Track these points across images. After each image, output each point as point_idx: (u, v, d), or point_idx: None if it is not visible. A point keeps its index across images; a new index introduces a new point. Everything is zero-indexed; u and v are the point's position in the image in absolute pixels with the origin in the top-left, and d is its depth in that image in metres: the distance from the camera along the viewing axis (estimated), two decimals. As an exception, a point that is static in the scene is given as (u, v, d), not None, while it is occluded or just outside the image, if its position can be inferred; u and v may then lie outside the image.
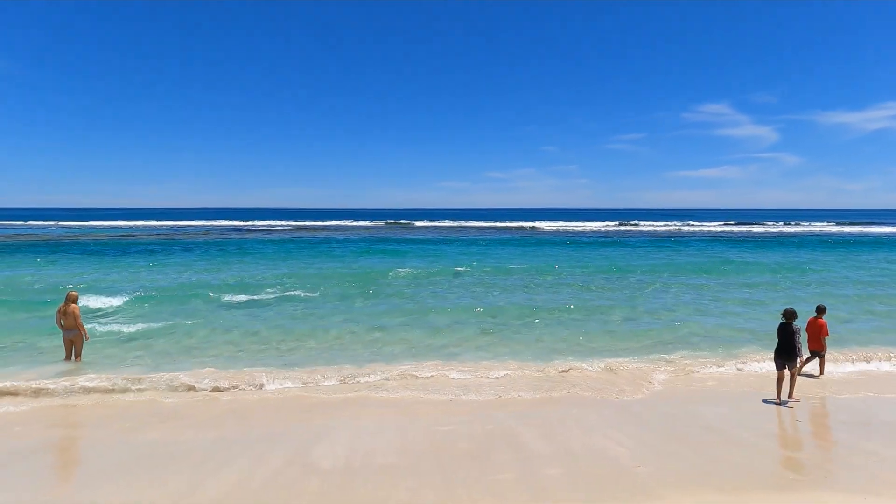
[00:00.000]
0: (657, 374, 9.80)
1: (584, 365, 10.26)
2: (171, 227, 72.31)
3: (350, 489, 5.58)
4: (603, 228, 71.48)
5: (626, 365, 10.30)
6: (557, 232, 63.04)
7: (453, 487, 5.62)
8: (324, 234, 58.30)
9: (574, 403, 8.36)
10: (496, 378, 9.54)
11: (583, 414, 7.88)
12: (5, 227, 69.45)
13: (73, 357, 10.24)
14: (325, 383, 9.24)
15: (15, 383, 8.70)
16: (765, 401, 8.54)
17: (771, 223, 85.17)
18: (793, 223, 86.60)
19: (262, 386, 9.04)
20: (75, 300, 10.27)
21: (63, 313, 10.13)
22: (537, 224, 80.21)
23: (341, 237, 51.84)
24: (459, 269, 24.05)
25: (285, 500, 5.36)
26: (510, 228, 71.04)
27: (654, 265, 26.30)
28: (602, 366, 10.22)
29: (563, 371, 9.89)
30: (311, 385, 9.15)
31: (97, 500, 5.32)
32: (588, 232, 62.98)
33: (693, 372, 9.95)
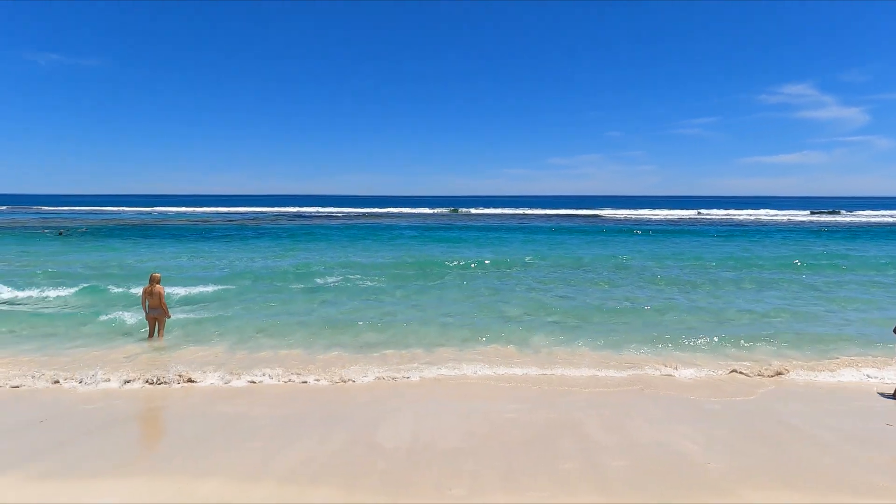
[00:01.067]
0: (732, 370, 9.35)
1: (654, 357, 9.96)
2: (243, 214, 75.64)
3: (413, 471, 5.67)
4: (671, 217, 68.49)
5: (698, 360, 9.88)
6: (624, 220, 61.10)
7: (516, 474, 5.60)
8: (387, 220, 59.25)
9: (642, 397, 8.12)
10: (562, 367, 9.41)
11: (649, 407, 7.64)
12: (103, 213, 75.03)
13: (156, 334, 10.93)
14: (389, 367, 9.41)
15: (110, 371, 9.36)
16: (859, 403, 7.98)
17: (864, 212, 78.93)
18: (889, 212, 79.76)
19: (329, 368, 9.33)
20: (159, 281, 10.94)
21: (149, 294, 10.82)
22: (602, 212, 78.19)
23: (404, 224, 52.52)
24: (528, 258, 23.37)
25: (351, 477, 5.51)
26: (574, 216, 69.36)
27: (732, 255, 24.83)
28: (671, 359, 9.87)
29: (631, 363, 9.63)
30: (376, 368, 9.34)
31: (181, 466, 5.68)
32: (656, 220, 60.63)
33: (776, 372, 9.29)
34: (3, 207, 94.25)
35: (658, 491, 5.28)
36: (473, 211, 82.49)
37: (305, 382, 8.61)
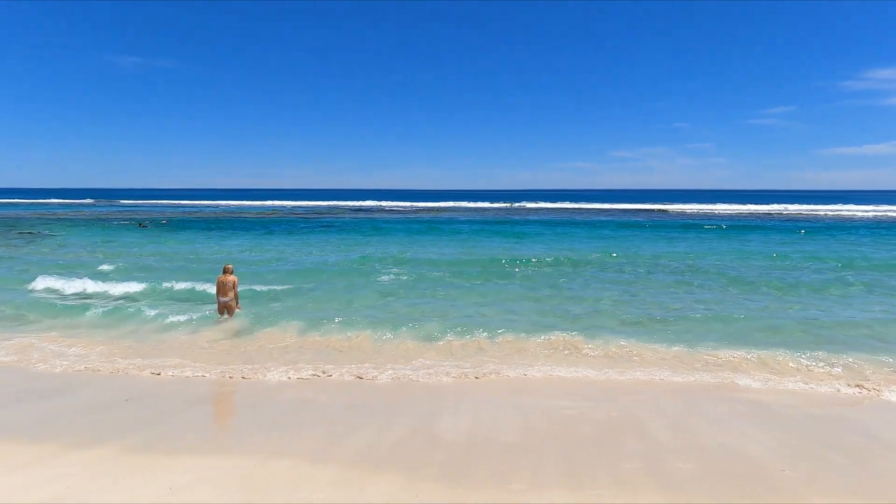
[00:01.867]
0: (814, 376, 8.84)
1: (725, 359, 9.52)
2: (307, 207, 78.14)
3: (472, 462, 5.73)
4: (743, 212, 64.91)
5: (777, 364, 9.37)
6: (694, 215, 58.58)
7: (576, 471, 5.55)
8: (447, 214, 59.62)
9: (710, 399, 7.83)
10: (625, 366, 9.21)
11: (717, 409, 7.35)
12: (179, 206, 79.52)
13: (225, 317, 11.52)
14: (450, 360, 9.51)
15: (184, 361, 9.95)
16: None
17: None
18: None
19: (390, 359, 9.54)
20: (232, 271, 11.55)
21: (222, 283, 11.43)
22: (669, 206, 75.41)
23: (464, 218, 52.65)
24: (593, 255, 22.60)
25: (411, 465, 5.63)
26: (639, 211, 67.17)
27: (816, 255, 22.89)
28: (745, 363, 9.43)
29: (702, 365, 9.25)
30: (436, 361, 9.46)
31: (253, 446, 5.99)
32: (727, 215, 57.78)
33: (861, 380, 8.66)
34: (89, 201, 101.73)
35: (725, 495, 5.09)
36: (533, 205, 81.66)
37: (362, 378, 8.83)
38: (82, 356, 9.55)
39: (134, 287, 15.42)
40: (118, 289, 15.00)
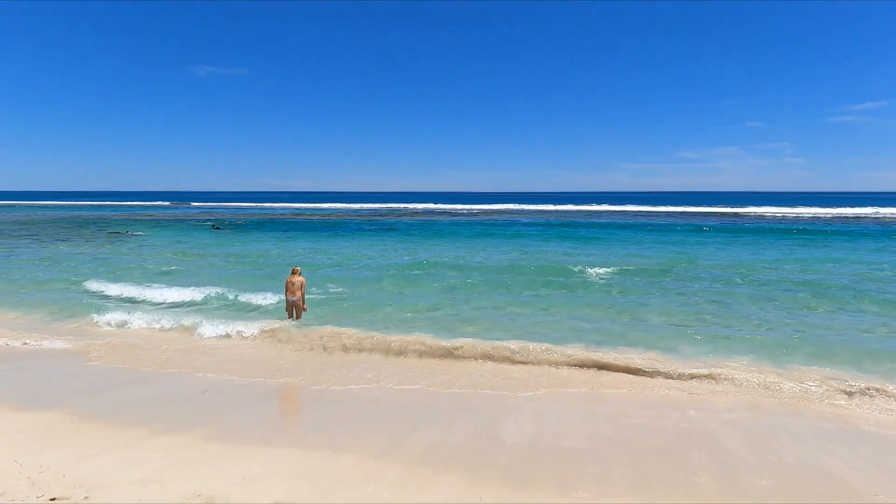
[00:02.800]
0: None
1: (817, 375, 8.78)
2: (372, 209, 79.77)
3: (535, 466, 5.65)
4: (830, 215, 60.52)
5: (867, 379, 8.66)
6: (773, 219, 55.12)
7: (645, 481, 5.36)
8: (508, 217, 59.28)
9: (790, 415, 7.37)
10: (698, 378, 8.80)
11: (799, 426, 6.90)
12: (249, 209, 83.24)
13: (293, 317, 11.95)
14: (514, 364, 9.43)
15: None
16: None
17: None
18: None
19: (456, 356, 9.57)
20: (299, 273, 12.03)
21: (290, 283, 11.88)
22: (742, 209, 71.68)
23: (525, 220, 52.17)
24: (663, 260, 21.19)
25: (474, 467, 5.62)
26: (709, 214, 64.09)
27: None
28: (841, 377, 8.77)
29: (781, 380, 8.59)
30: (501, 363, 9.40)
31: (321, 441, 6.16)
32: (812, 219, 54.06)
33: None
34: (166, 203, 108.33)
35: (810, 517, 4.77)
36: (595, 208, 79.80)
37: (421, 381, 8.89)
38: (155, 349, 10.16)
39: (202, 284, 16.19)
40: (185, 294, 15.54)
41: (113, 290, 15.61)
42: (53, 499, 4.65)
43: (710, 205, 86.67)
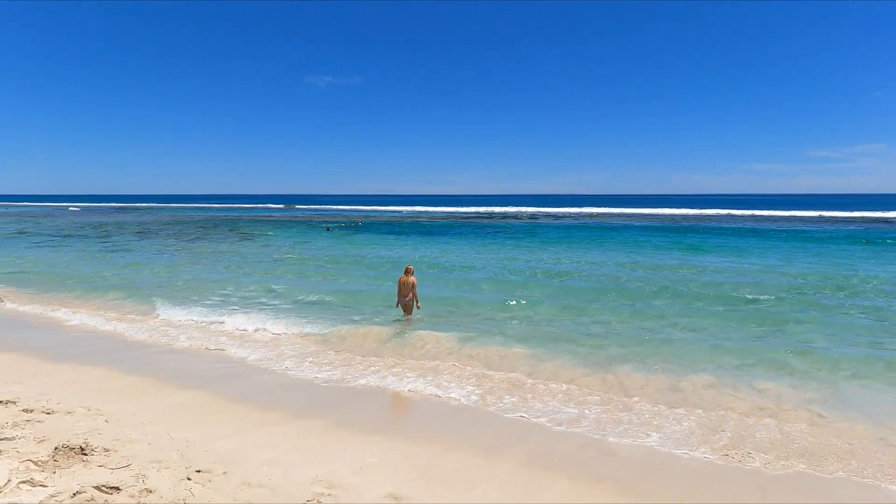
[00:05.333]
0: None
1: None
2: (480, 213, 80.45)
3: (649, 483, 5.44)
4: None
5: None
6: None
7: (774, 510, 4.94)
8: (617, 220, 57.12)
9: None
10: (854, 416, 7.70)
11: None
12: (364, 211, 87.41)
13: (406, 315, 12.41)
14: (628, 377, 9.10)
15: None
16: None
17: None
18: None
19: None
20: (412, 272, 12.53)
21: (403, 283, 12.38)
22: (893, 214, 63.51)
23: (637, 224, 50.02)
24: (806, 274, 18.16)
25: (582, 477, 5.51)
26: (852, 219, 57.38)
27: None
28: None
29: None
30: (617, 378, 9.12)
31: (430, 436, 6.35)
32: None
33: None
34: (280, 206, 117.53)
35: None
36: (714, 212, 74.51)
37: (523, 385, 8.80)
38: (273, 342, 10.96)
39: (324, 288, 17.19)
40: (309, 296, 16.63)
41: (275, 287, 17.07)
42: (199, 470, 5.19)
43: (847, 209, 77.36)
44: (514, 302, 14.18)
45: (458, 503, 4.97)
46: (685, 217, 64.98)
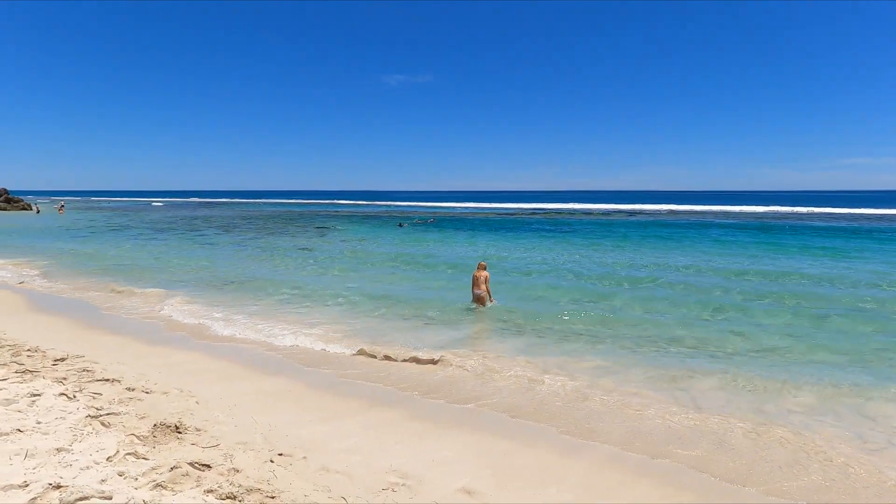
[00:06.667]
0: None
1: None
2: (549, 209, 79.34)
3: (741, 481, 5.15)
4: None
5: None
6: None
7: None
8: (697, 217, 54.52)
9: None
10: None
11: None
12: (437, 207, 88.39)
13: (478, 307, 12.69)
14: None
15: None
16: None
17: None
18: None
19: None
20: (485, 267, 12.89)
21: (476, 277, 12.76)
22: None
23: (719, 222, 47.51)
24: None
25: (667, 477, 5.31)
26: None
27: None
28: None
29: None
30: (682, 385, 8.73)
31: (507, 431, 6.32)
32: None
33: None
34: (355, 202, 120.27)
35: None
36: (805, 209, 69.50)
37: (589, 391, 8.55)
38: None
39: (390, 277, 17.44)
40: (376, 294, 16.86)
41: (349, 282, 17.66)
42: (281, 454, 5.42)
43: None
44: (591, 305, 13.65)
45: (532, 502, 4.91)
46: (777, 215, 60.98)
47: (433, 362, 9.11)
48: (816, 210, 68.47)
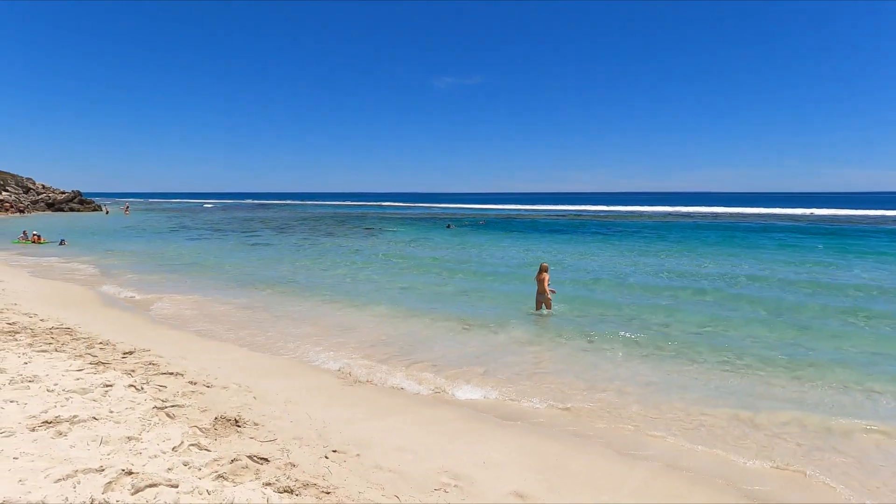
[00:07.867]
0: None
1: None
2: (603, 211, 77.90)
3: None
4: None
5: None
6: None
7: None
8: (754, 220, 52.28)
9: None
10: None
11: None
12: (485, 209, 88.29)
13: (541, 309, 12.91)
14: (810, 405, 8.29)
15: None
16: None
17: None
18: None
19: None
20: (546, 270, 13.05)
21: (540, 280, 13.01)
22: None
23: (781, 225, 45.37)
24: None
25: (726, 487, 5.12)
26: None
27: None
28: None
29: None
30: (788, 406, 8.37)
31: (561, 433, 6.24)
32: None
33: None
34: (404, 203, 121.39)
35: None
36: (870, 213, 65.35)
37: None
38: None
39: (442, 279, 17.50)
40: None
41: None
42: (335, 450, 5.52)
43: None
44: (653, 316, 12.59)
45: (586, 508, 4.83)
46: (849, 218, 57.61)
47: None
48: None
